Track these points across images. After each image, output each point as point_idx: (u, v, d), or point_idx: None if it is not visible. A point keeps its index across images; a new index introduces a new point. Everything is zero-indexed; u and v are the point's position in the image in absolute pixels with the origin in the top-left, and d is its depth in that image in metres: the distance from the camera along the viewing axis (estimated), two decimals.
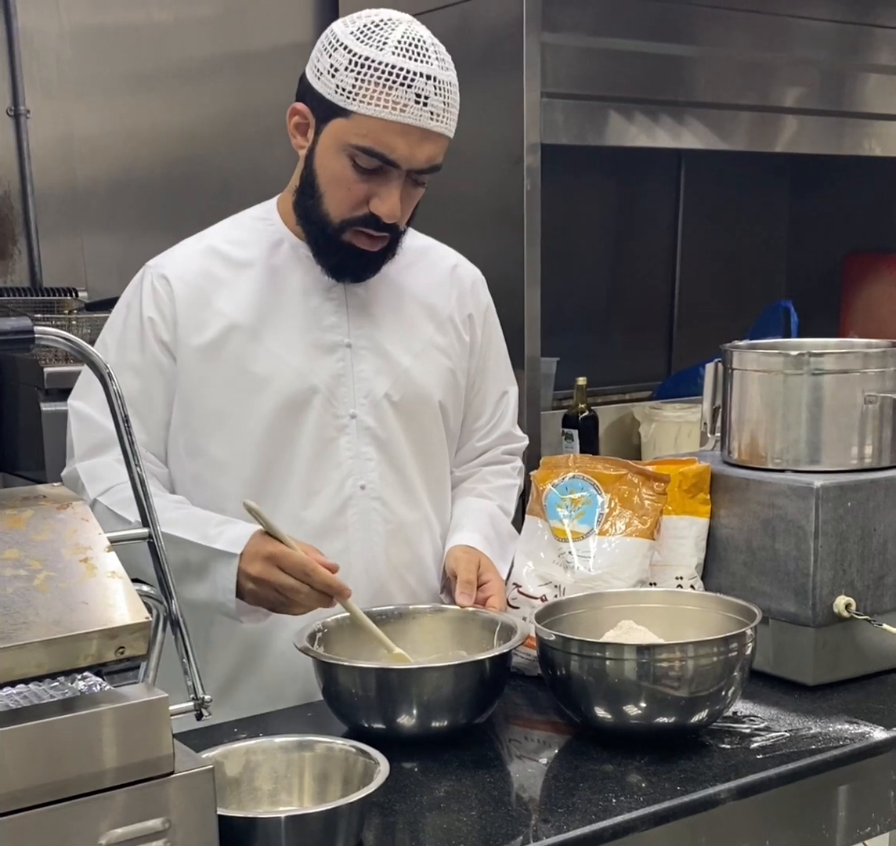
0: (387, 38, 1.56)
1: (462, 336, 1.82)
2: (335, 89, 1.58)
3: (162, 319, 1.68)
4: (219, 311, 1.68)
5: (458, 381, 1.82)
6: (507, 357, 1.94)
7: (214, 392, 1.68)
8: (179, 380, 1.69)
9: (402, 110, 1.56)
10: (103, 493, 1.64)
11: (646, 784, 1.34)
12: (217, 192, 3.18)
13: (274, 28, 3.29)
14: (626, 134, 2.98)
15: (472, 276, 1.88)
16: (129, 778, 1.01)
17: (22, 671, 0.97)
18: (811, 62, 3.25)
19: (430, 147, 1.60)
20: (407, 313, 1.78)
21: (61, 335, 1.13)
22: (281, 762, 1.27)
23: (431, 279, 1.82)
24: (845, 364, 1.67)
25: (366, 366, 1.73)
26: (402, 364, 1.75)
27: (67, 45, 3.04)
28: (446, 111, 1.60)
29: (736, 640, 1.42)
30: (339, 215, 1.63)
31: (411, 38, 1.57)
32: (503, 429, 1.93)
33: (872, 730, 1.49)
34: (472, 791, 1.34)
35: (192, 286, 1.69)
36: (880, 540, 1.64)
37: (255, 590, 1.54)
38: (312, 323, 1.71)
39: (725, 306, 3.95)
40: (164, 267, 1.71)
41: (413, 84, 1.55)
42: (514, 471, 1.96)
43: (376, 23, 1.58)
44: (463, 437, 1.89)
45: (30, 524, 1.07)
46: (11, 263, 3.02)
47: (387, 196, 1.61)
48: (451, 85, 1.60)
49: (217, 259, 1.72)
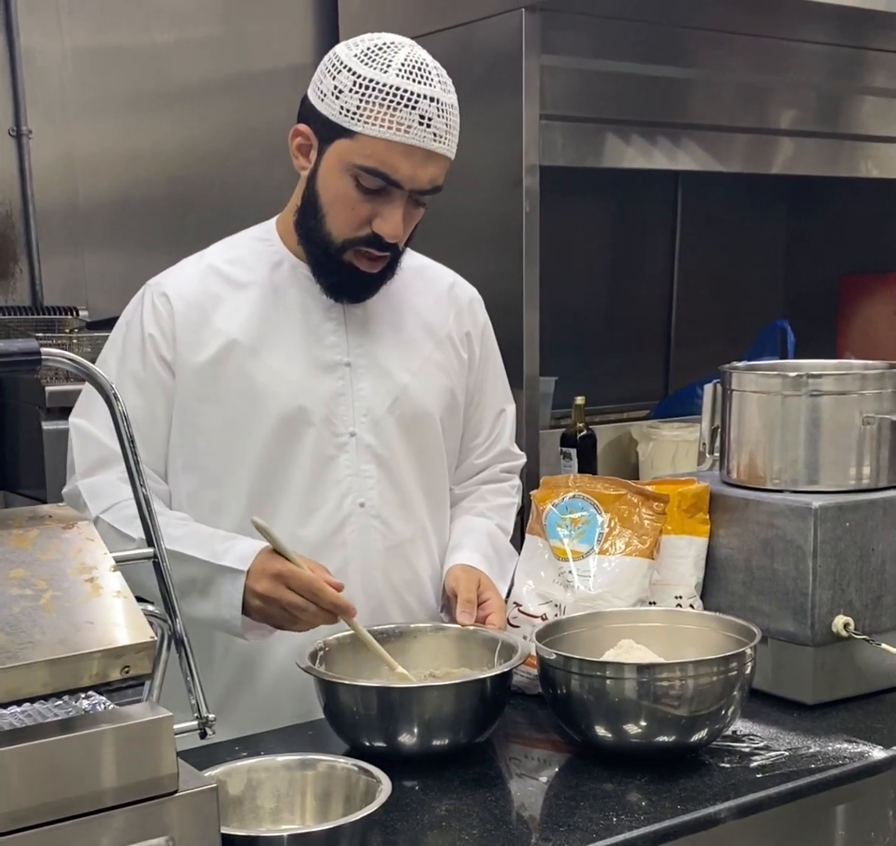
0: (390, 60, 1.58)
1: (460, 354, 1.84)
2: (339, 110, 1.60)
3: (162, 336, 1.69)
4: (219, 330, 1.69)
5: (457, 398, 1.83)
6: (504, 375, 1.95)
7: (213, 409, 1.69)
8: (179, 397, 1.70)
9: (407, 131, 1.58)
10: (106, 511, 1.65)
11: (646, 803, 1.34)
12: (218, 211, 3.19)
13: (274, 50, 3.31)
14: (624, 156, 3.00)
15: (469, 294, 1.89)
16: (134, 796, 1.01)
17: (28, 690, 0.98)
18: (807, 85, 3.27)
19: (433, 168, 1.62)
20: (406, 331, 1.79)
21: (68, 356, 1.14)
22: (283, 780, 1.28)
23: (429, 298, 1.83)
24: (843, 385, 1.68)
25: (365, 384, 1.74)
26: (401, 382, 1.76)
27: (69, 66, 3.06)
28: (448, 133, 1.62)
29: (735, 660, 1.43)
30: (342, 235, 1.65)
31: (414, 61, 1.59)
32: (501, 446, 1.94)
33: (871, 749, 1.49)
34: (474, 809, 1.34)
35: (192, 304, 1.70)
36: (878, 560, 1.65)
37: (261, 607, 1.55)
38: (312, 342, 1.73)
39: (722, 326, 3.97)
40: (165, 285, 1.73)
41: (417, 106, 1.58)
42: (513, 490, 1.97)
43: (379, 46, 1.60)
44: (461, 455, 1.90)
45: (36, 544, 1.08)
46: (13, 282, 3.03)
47: (389, 216, 1.62)
48: (452, 107, 1.62)
49: (217, 278, 1.73)
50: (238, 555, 1.57)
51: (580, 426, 3.28)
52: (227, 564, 1.56)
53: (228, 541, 1.61)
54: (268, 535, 1.52)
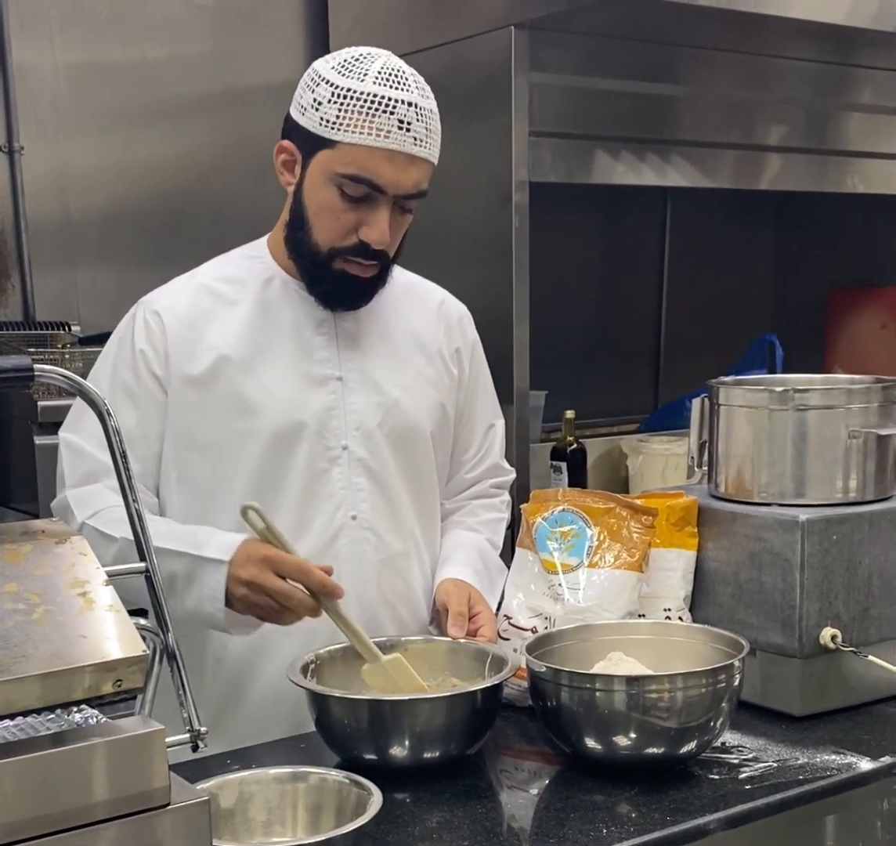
0: (367, 69, 1.61)
1: (450, 369, 1.85)
2: (319, 122, 1.62)
3: (154, 353, 1.70)
4: (211, 346, 1.70)
5: (447, 413, 1.85)
6: (493, 391, 1.97)
7: (206, 425, 1.70)
8: (171, 412, 1.70)
9: (387, 136, 1.60)
10: (91, 516, 1.65)
11: (636, 814, 1.35)
12: (210, 226, 3.21)
13: (266, 66, 3.33)
14: (613, 172, 3.02)
15: (459, 311, 1.91)
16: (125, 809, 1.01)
17: (21, 704, 0.98)
18: (795, 101, 3.30)
19: (416, 172, 1.64)
20: (396, 347, 1.80)
21: (60, 373, 1.15)
22: (274, 793, 1.28)
23: (419, 314, 1.85)
24: (830, 400, 1.69)
25: (357, 398, 1.75)
26: (392, 396, 1.77)
27: (62, 82, 3.07)
28: (429, 137, 1.64)
29: (724, 672, 1.44)
30: (329, 244, 1.66)
31: (391, 69, 1.62)
32: (491, 461, 1.95)
33: (859, 760, 1.50)
34: (464, 821, 1.35)
35: (183, 321, 1.71)
36: (865, 572, 1.66)
37: (246, 596, 1.53)
38: (303, 356, 1.74)
39: (711, 340, 3.98)
40: (157, 303, 1.74)
41: (395, 111, 1.59)
42: (503, 505, 1.98)
43: (356, 57, 1.63)
44: (452, 469, 1.91)
45: (29, 559, 1.08)
46: (4, 297, 3.03)
47: (375, 223, 1.64)
48: (432, 112, 1.64)
49: (209, 295, 1.74)
50: (221, 545, 1.56)
51: (570, 440, 3.30)
52: (208, 555, 1.55)
53: (211, 534, 1.60)
54: (262, 519, 1.49)
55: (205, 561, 1.55)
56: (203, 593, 1.55)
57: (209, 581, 1.54)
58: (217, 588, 1.54)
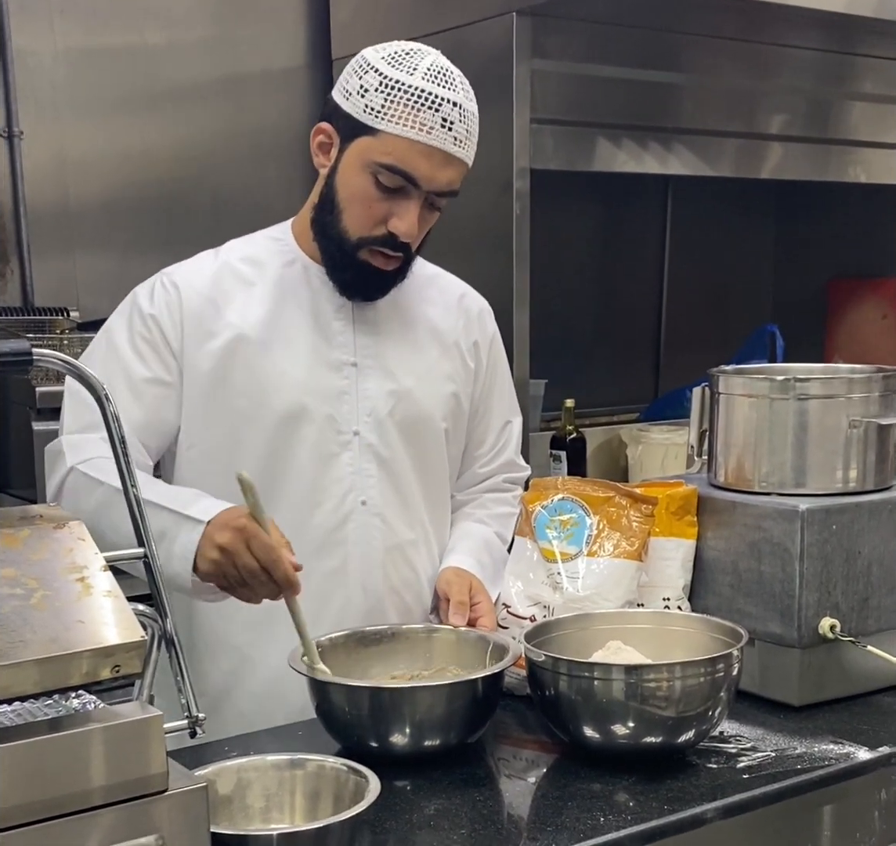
0: (417, 64, 1.62)
1: (467, 362, 1.85)
2: (364, 109, 1.62)
3: (170, 319, 1.69)
4: (228, 323, 1.70)
5: (462, 405, 1.84)
6: (511, 388, 1.96)
7: (219, 401, 1.70)
8: (186, 389, 1.70)
9: (429, 132, 1.60)
10: (82, 462, 1.62)
11: (633, 803, 1.35)
12: (209, 212, 3.20)
13: (266, 52, 3.32)
14: (615, 160, 3.01)
15: (479, 305, 1.91)
16: (123, 795, 1.01)
17: (19, 689, 0.98)
18: (797, 90, 3.29)
19: (451, 171, 1.64)
20: (413, 336, 1.80)
21: (59, 357, 1.15)
22: (272, 780, 1.28)
23: (439, 305, 1.85)
24: (830, 389, 1.69)
25: (370, 385, 1.75)
26: (405, 385, 1.77)
27: (61, 67, 3.06)
28: (468, 139, 1.65)
29: (722, 661, 1.43)
30: (357, 233, 1.66)
31: (440, 67, 1.63)
32: (506, 457, 1.95)
33: (857, 750, 1.50)
34: (462, 809, 1.35)
35: (201, 296, 1.71)
36: (865, 562, 1.66)
37: (216, 561, 1.47)
38: (320, 340, 1.74)
39: (712, 329, 3.98)
40: (176, 275, 1.74)
41: (440, 108, 1.60)
42: (515, 500, 1.97)
43: (406, 51, 1.64)
44: (465, 463, 1.91)
45: (27, 543, 1.08)
46: (3, 283, 3.03)
47: (405, 214, 1.64)
48: (474, 115, 1.66)
49: (229, 274, 1.74)
50: (204, 507, 1.52)
51: (570, 429, 3.29)
52: (189, 513, 1.51)
53: (198, 496, 1.57)
54: (250, 492, 1.43)
55: (184, 518, 1.50)
56: (173, 551, 1.49)
57: (183, 539, 1.49)
58: (188, 548, 1.49)
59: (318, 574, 1.69)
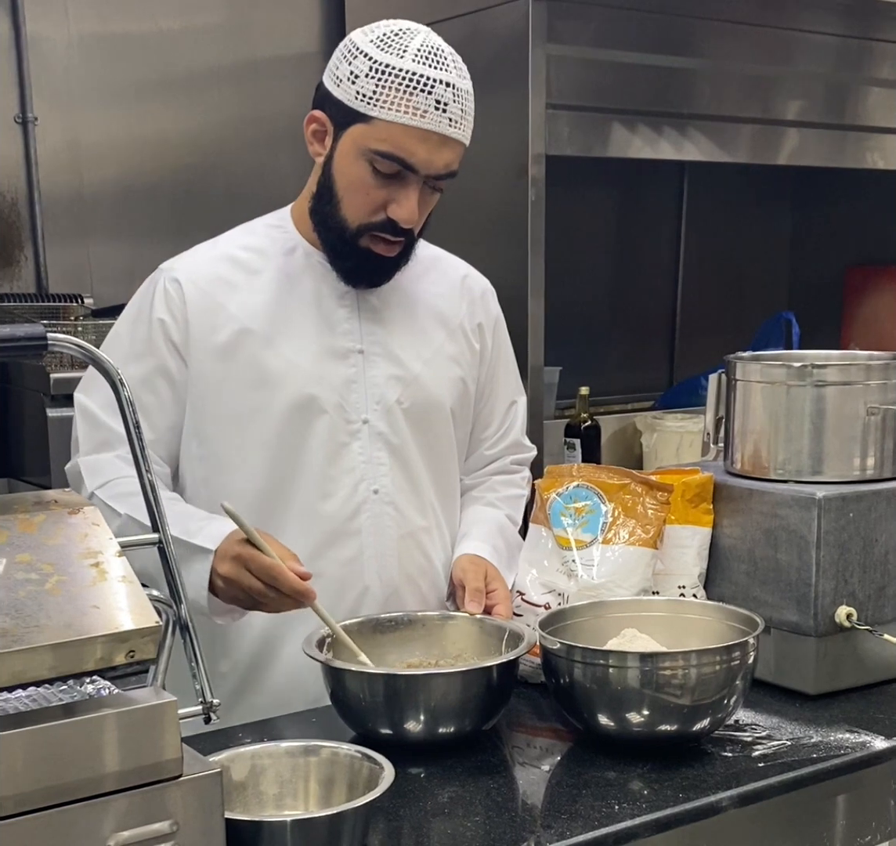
0: (406, 45, 1.59)
1: (472, 344, 1.84)
2: (355, 95, 1.60)
3: (173, 321, 1.69)
4: (231, 315, 1.69)
5: (468, 388, 1.83)
6: (515, 368, 1.95)
7: (227, 395, 1.69)
8: (192, 383, 1.70)
9: (423, 116, 1.58)
10: (100, 487, 1.65)
11: (648, 791, 1.34)
12: (223, 198, 3.20)
13: (280, 37, 3.31)
14: (631, 146, 2.99)
15: (482, 286, 1.89)
16: (138, 780, 1.02)
17: (33, 674, 0.98)
18: (813, 76, 3.27)
19: (448, 153, 1.62)
20: (418, 321, 1.79)
21: (73, 341, 1.15)
22: (286, 767, 1.28)
23: (442, 288, 1.83)
24: (848, 376, 1.68)
25: (378, 372, 1.74)
26: (413, 371, 1.76)
27: (75, 53, 3.06)
28: (463, 118, 1.62)
29: (738, 649, 1.43)
30: (357, 220, 1.65)
31: (430, 47, 1.60)
32: (512, 438, 1.94)
33: (873, 739, 1.49)
34: (477, 797, 1.35)
35: (204, 291, 1.70)
36: (882, 550, 1.65)
37: (225, 590, 1.54)
38: (325, 329, 1.73)
39: (727, 317, 3.97)
40: (177, 270, 1.72)
41: (433, 91, 1.58)
42: (523, 482, 1.97)
43: (395, 31, 1.61)
44: (472, 446, 1.90)
45: (42, 528, 1.08)
46: (18, 270, 3.03)
47: (405, 201, 1.62)
48: (468, 93, 1.63)
49: (230, 265, 1.73)
50: (210, 534, 1.56)
51: (584, 416, 3.29)
52: (197, 543, 1.55)
53: (204, 521, 1.59)
54: (235, 520, 1.49)
55: (193, 548, 1.55)
56: (189, 579, 1.53)
57: (196, 567, 1.54)
58: (203, 576, 1.54)
59: (333, 564, 1.69)
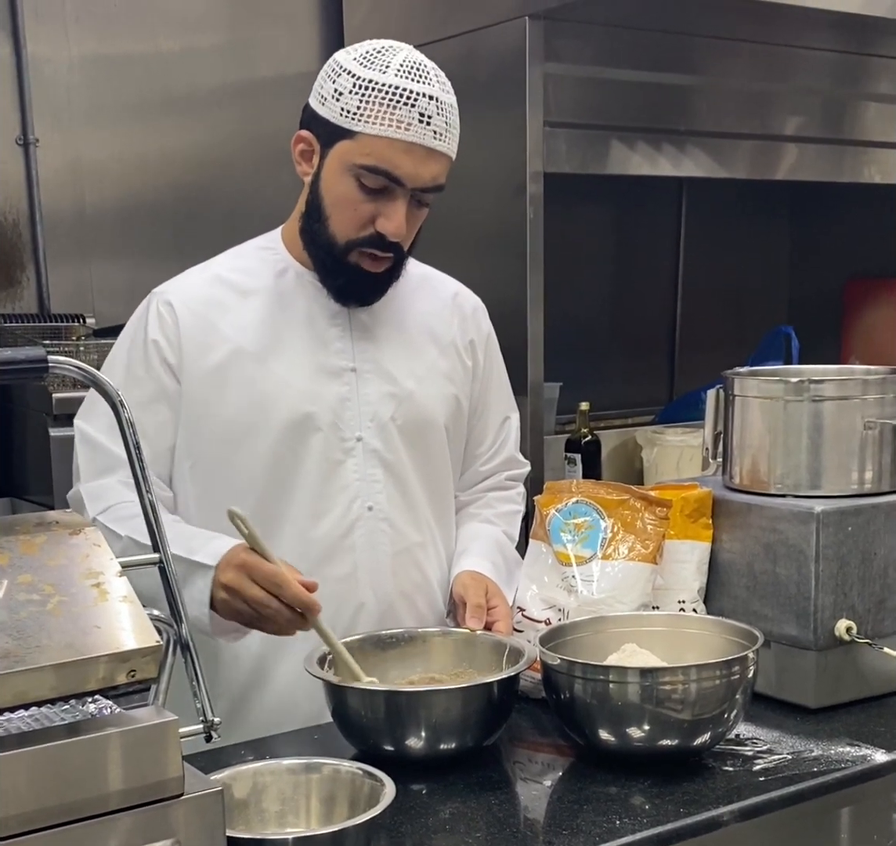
0: (389, 61, 1.61)
1: (465, 361, 1.85)
2: (340, 112, 1.61)
3: (167, 342, 1.70)
4: (224, 337, 1.71)
5: (462, 405, 1.84)
6: (508, 384, 1.96)
7: (220, 416, 1.70)
8: (185, 403, 1.70)
9: (407, 129, 1.60)
10: (102, 512, 1.66)
11: (649, 806, 1.35)
12: (224, 218, 3.21)
13: (280, 57, 3.33)
14: (629, 162, 3.01)
15: (473, 303, 1.90)
16: (140, 799, 1.02)
17: (36, 694, 0.99)
18: (811, 91, 3.28)
19: (434, 166, 1.63)
20: (410, 338, 1.80)
21: (74, 364, 1.15)
22: (288, 784, 1.29)
23: (433, 305, 1.84)
24: (845, 391, 1.69)
25: (371, 389, 1.75)
26: (406, 388, 1.77)
27: (76, 74, 3.07)
28: (448, 131, 1.64)
29: (738, 664, 1.43)
30: (346, 236, 1.66)
31: (413, 62, 1.62)
32: (506, 454, 1.95)
33: (874, 752, 1.50)
34: (478, 813, 1.35)
35: (196, 313, 1.71)
36: (881, 564, 1.66)
37: (226, 600, 1.52)
38: (318, 348, 1.74)
39: (727, 331, 3.97)
40: (169, 293, 1.74)
41: (416, 103, 1.59)
42: (518, 497, 1.98)
43: (378, 49, 1.63)
44: (466, 462, 1.91)
45: (43, 549, 1.09)
46: (20, 290, 3.04)
47: (392, 214, 1.63)
48: (452, 106, 1.64)
49: (222, 287, 1.74)
50: (212, 551, 1.55)
51: (584, 432, 3.29)
52: (198, 559, 1.54)
53: (207, 539, 1.59)
54: (244, 525, 1.48)
55: (195, 565, 1.55)
56: (191, 597, 1.53)
57: (198, 584, 1.54)
58: (203, 592, 1.53)
59: (328, 581, 1.69)
